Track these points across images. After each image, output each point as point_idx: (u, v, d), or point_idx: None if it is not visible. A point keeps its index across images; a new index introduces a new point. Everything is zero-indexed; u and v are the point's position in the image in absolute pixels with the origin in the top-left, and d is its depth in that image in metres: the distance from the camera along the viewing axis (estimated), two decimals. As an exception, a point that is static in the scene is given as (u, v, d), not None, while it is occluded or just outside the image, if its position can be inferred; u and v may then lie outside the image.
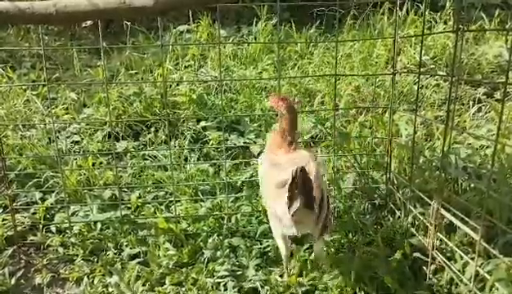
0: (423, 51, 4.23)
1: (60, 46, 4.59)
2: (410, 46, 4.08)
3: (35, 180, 2.33)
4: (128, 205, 2.25)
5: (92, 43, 5.15)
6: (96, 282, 1.72)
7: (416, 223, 1.87)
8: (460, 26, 1.72)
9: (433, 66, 3.95)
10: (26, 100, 3.19)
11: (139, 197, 2.33)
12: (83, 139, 2.86)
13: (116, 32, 5.28)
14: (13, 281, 1.79)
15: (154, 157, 2.76)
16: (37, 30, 4.68)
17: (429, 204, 1.73)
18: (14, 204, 2.10)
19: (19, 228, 2.06)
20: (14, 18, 1.37)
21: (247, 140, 2.97)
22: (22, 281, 1.80)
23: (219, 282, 1.68)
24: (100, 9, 1.36)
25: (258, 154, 2.80)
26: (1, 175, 2.16)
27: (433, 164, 2.20)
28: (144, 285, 1.66)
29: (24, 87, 3.28)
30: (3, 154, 2.03)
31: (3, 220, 2.09)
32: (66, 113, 3.10)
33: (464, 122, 2.96)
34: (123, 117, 3.02)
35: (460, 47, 1.68)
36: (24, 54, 4.10)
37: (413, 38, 4.00)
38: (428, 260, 1.67)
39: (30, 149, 2.61)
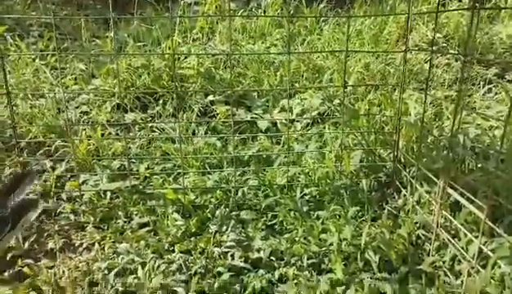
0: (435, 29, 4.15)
1: (68, 16, 4.54)
2: (423, 23, 4.01)
3: (45, 148, 2.36)
4: (137, 175, 2.29)
5: (99, 13, 5.10)
6: (106, 248, 1.77)
7: (422, 201, 1.89)
8: (477, 4, 1.69)
9: (445, 45, 3.88)
10: (35, 70, 3.19)
11: (147, 168, 2.36)
12: (91, 110, 2.88)
13: (123, 3, 5.20)
14: (26, 245, 1.84)
15: (162, 129, 2.78)
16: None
17: (436, 183, 1.74)
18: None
19: (30, 195, 2.10)
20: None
21: (254, 115, 2.97)
22: (35, 246, 1.86)
23: (226, 252, 1.72)
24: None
25: (266, 130, 2.81)
26: (12, 142, 2.20)
27: (441, 143, 2.20)
28: (154, 252, 1.71)
29: (32, 57, 3.28)
30: (14, 123, 2.05)
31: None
32: (75, 84, 3.11)
33: (474, 102, 2.93)
34: (131, 89, 3.02)
35: (475, 26, 1.65)
36: (32, 23, 4.07)
37: (426, 16, 3.92)
38: (432, 237, 1.70)
39: (40, 118, 2.63)
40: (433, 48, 3.85)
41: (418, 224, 1.82)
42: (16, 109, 2.63)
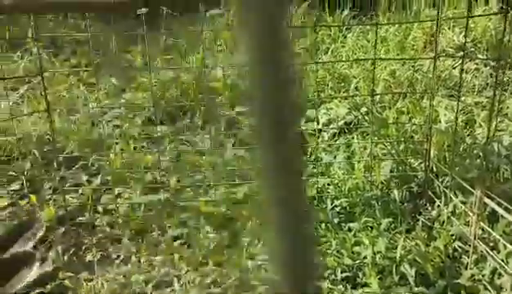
0: (463, 34, 4.08)
1: (98, 32, 4.69)
2: (449, 28, 3.95)
3: (82, 162, 2.45)
4: (168, 188, 2.34)
5: (125, 29, 5.26)
6: (142, 261, 1.82)
7: (457, 212, 1.85)
8: (509, 8, 1.66)
9: (473, 49, 3.81)
10: (69, 85, 3.33)
11: (178, 181, 2.40)
12: (123, 123, 2.97)
13: (148, 17, 5.34)
14: (65, 258, 1.91)
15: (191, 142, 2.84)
16: (74, 16, 4.83)
17: (471, 192, 1.71)
18: (63, 186, 2.23)
19: (68, 208, 2.18)
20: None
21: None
22: (74, 258, 1.92)
23: (260, 265, 1.73)
24: None
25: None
26: (52, 157, 2.30)
27: (475, 152, 2.15)
28: (188, 265, 1.74)
29: (66, 73, 3.43)
30: (54, 138, 2.15)
31: (55, 200, 2.23)
32: (106, 98, 3.22)
33: (507, 108, 2.86)
34: (161, 102, 3.09)
35: (510, 30, 1.63)
36: (65, 40, 4.24)
37: (451, 21, 3.86)
38: (470, 249, 1.67)
39: (75, 132, 2.73)
40: (463, 53, 3.79)
41: (454, 236, 1.78)
42: (53, 125, 2.74)
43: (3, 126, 2.64)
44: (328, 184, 2.29)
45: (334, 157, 2.48)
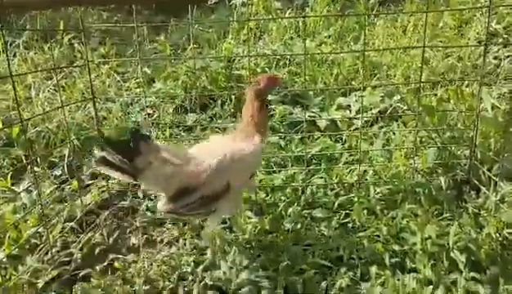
0: (495, 21, 3.95)
1: (121, 22, 4.72)
2: (481, 14, 3.86)
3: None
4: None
5: (147, 19, 5.28)
6: (188, 244, 1.83)
7: (506, 199, 1.82)
8: None
9: (506, 36, 3.72)
10: (99, 75, 3.35)
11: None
12: (155, 112, 2.99)
13: (166, 7, 5.32)
14: (111, 241, 1.94)
15: (224, 129, 2.84)
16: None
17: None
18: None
19: (110, 193, 2.21)
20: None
21: (311, 114, 2.95)
22: (119, 241, 1.95)
23: (305, 250, 1.73)
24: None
25: (324, 129, 2.79)
26: (91, 143, 2.34)
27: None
28: (234, 249, 1.74)
29: (96, 63, 3.45)
30: (99, 125, 2.17)
31: (99, 187, 2.26)
32: (138, 87, 3.24)
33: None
34: (192, 90, 3.09)
35: None
36: (92, 30, 4.27)
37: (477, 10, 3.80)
38: (522, 236, 1.63)
39: (111, 120, 2.76)
40: (493, 40, 3.70)
41: (503, 224, 1.75)
42: (89, 113, 2.77)
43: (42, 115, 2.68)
44: (365, 171, 2.27)
45: (370, 144, 2.46)
